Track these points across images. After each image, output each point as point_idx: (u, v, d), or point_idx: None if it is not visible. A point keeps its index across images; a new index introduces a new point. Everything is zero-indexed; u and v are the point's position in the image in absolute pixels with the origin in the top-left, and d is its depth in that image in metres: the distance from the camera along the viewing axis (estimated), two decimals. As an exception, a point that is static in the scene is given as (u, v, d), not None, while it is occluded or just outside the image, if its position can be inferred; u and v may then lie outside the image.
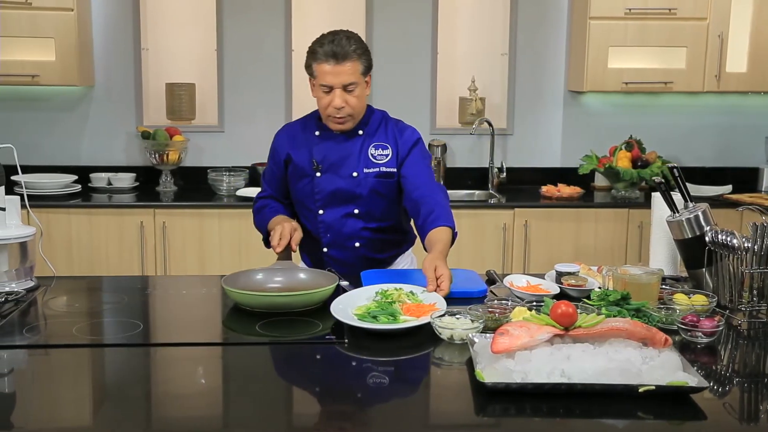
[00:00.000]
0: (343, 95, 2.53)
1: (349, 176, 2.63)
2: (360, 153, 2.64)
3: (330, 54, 2.49)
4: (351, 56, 2.51)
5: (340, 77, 2.51)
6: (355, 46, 2.53)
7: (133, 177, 4.56)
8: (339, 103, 2.53)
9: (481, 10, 4.81)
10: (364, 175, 2.63)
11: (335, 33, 2.55)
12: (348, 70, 2.51)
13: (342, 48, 2.49)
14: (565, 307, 1.80)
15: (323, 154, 2.65)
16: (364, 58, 2.55)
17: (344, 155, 2.64)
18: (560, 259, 4.22)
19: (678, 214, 2.32)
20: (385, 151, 2.65)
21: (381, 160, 2.64)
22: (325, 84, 2.53)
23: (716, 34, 4.39)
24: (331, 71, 2.50)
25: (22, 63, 4.22)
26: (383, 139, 2.66)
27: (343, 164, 2.64)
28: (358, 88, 2.55)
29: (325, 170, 2.65)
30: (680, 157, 4.77)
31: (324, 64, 2.51)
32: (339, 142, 2.65)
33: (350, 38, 2.54)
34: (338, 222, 2.66)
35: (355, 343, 1.95)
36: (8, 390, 1.72)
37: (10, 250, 2.29)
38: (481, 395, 1.64)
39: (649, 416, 1.57)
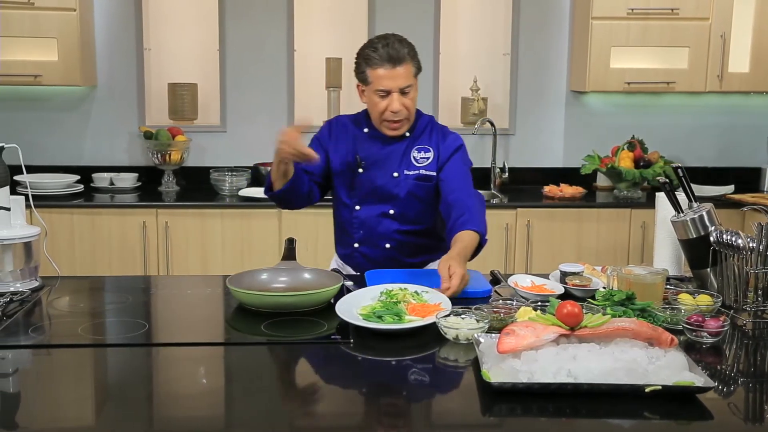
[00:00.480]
0: (400, 99, 2.53)
1: (390, 176, 2.64)
2: (403, 155, 2.65)
3: (386, 58, 2.49)
4: (405, 59, 2.51)
5: (396, 81, 2.51)
6: (408, 48, 2.54)
7: (135, 177, 4.56)
8: (397, 107, 2.53)
9: (483, 10, 4.81)
10: (404, 176, 2.63)
11: (385, 37, 2.55)
12: (403, 73, 2.51)
13: (397, 51, 2.50)
14: (571, 307, 1.80)
15: (368, 151, 2.66)
16: (416, 60, 2.57)
17: (388, 155, 2.65)
18: (562, 259, 4.21)
19: (682, 214, 2.33)
20: (427, 154, 2.65)
21: (422, 163, 2.64)
22: (382, 89, 2.52)
23: (718, 34, 4.40)
24: (388, 75, 2.50)
25: (24, 63, 4.22)
26: (426, 143, 2.66)
27: (385, 163, 2.65)
28: (413, 91, 2.57)
29: (367, 167, 2.65)
30: (682, 157, 4.77)
31: (380, 68, 2.50)
32: (385, 142, 2.65)
33: (402, 41, 2.54)
34: (372, 220, 2.67)
35: (361, 343, 1.95)
36: (13, 390, 1.72)
37: (15, 250, 2.29)
38: (488, 395, 1.64)
39: (655, 416, 1.57)
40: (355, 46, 4.64)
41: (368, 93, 2.57)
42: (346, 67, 4.68)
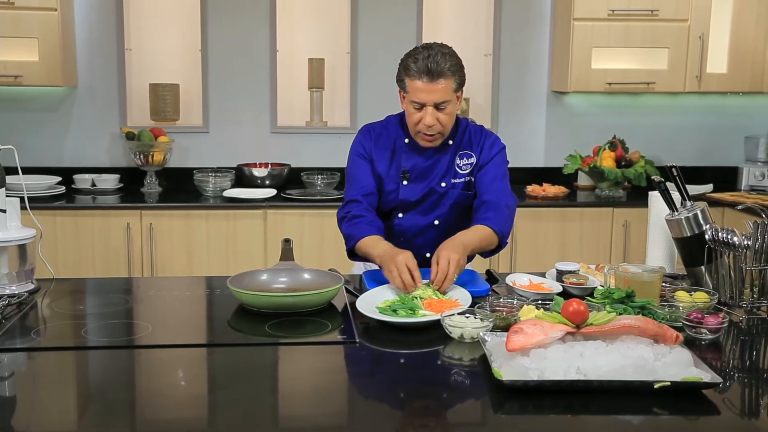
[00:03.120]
0: (434, 113, 2.46)
1: (437, 186, 2.60)
2: (449, 164, 2.61)
3: (424, 71, 2.42)
4: (445, 74, 2.42)
5: (432, 95, 2.44)
6: (450, 63, 2.45)
7: (117, 178, 4.52)
8: (430, 122, 2.47)
9: (465, 11, 4.84)
10: (451, 185, 2.60)
11: (430, 47, 2.47)
12: (441, 88, 2.43)
13: (437, 65, 2.41)
14: (577, 305, 1.82)
15: (413, 162, 2.61)
16: (458, 75, 2.47)
17: (433, 165, 2.60)
18: (547, 258, 4.27)
19: (677, 212, 2.36)
20: (469, 160, 2.61)
21: (466, 170, 2.61)
22: (416, 101, 2.46)
23: (697, 35, 4.46)
24: (424, 89, 2.43)
25: (5, 63, 4.17)
26: (468, 148, 2.62)
27: (431, 174, 2.60)
28: (450, 106, 2.48)
29: (412, 179, 2.61)
30: (662, 157, 4.84)
31: (417, 80, 2.43)
32: (430, 152, 2.60)
33: (445, 54, 2.45)
34: (415, 229, 2.63)
35: (368, 340, 1.96)
36: (14, 393, 1.70)
37: (11, 252, 2.27)
38: (498, 393, 1.66)
39: (664, 412, 1.59)
40: (337, 46, 4.72)
41: (406, 102, 2.52)
42: (328, 68, 4.69)
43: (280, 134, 4.72)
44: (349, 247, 2.53)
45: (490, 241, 2.45)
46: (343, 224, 2.56)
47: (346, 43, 4.74)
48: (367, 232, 2.46)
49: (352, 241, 2.49)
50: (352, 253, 2.53)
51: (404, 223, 2.64)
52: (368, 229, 2.47)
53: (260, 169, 4.55)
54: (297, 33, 4.74)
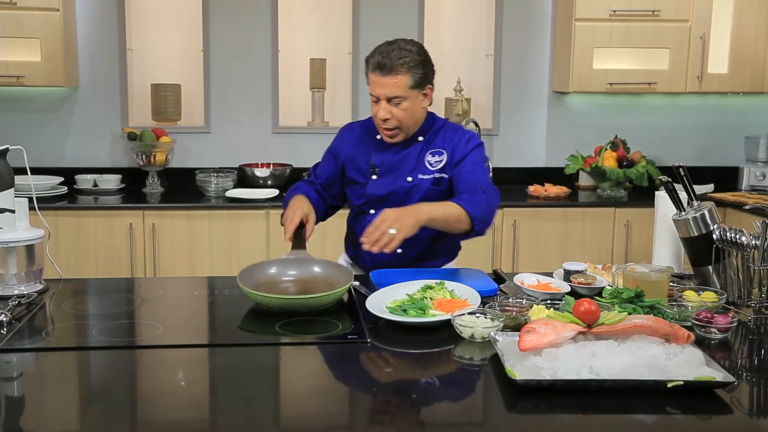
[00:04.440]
0: (387, 107, 2.50)
1: (404, 181, 2.62)
2: (417, 160, 2.62)
3: (377, 65, 2.47)
4: (398, 69, 2.45)
5: (384, 89, 2.48)
6: (407, 59, 2.45)
7: (118, 178, 4.52)
8: (383, 115, 2.51)
9: (466, 11, 4.84)
10: (418, 180, 2.61)
11: (392, 43, 2.50)
12: (393, 83, 2.46)
13: (390, 60, 2.44)
14: (588, 305, 1.83)
15: (382, 158, 2.64)
16: (416, 71, 2.47)
17: (401, 160, 2.62)
18: (548, 258, 4.28)
19: (684, 212, 2.37)
20: (440, 157, 2.61)
21: (436, 167, 2.61)
22: (372, 94, 2.52)
23: (698, 36, 4.48)
24: (377, 82, 2.48)
25: (6, 63, 4.16)
26: (440, 146, 2.63)
27: (399, 169, 2.62)
28: (406, 102, 2.49)
29: (381, 174, 2.63)
30: (663, 157, 4.85)
31: (372, 74, 2.50)
32: (399, 148, 2.62)
33: (403, 50, 2.46)
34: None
35: (378, 340, 1.97)
36: (25, 393, 1.70)
37: (19, 252, 2.26)
38: (511, 392, 1.66)
39: (677, 411, 1.60)
40: (339, 46, 4.72)
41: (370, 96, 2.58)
42: (330, 68, 4.69)
43: (282, 134, 4.72)
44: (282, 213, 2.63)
45: (457, 219, 2.38)
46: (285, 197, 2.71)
47: (347, 43, 4.74)
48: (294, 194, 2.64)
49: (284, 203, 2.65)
50: None
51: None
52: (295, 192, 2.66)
53: (262, 170, 4.55)
54: (298, 33, 4.74)
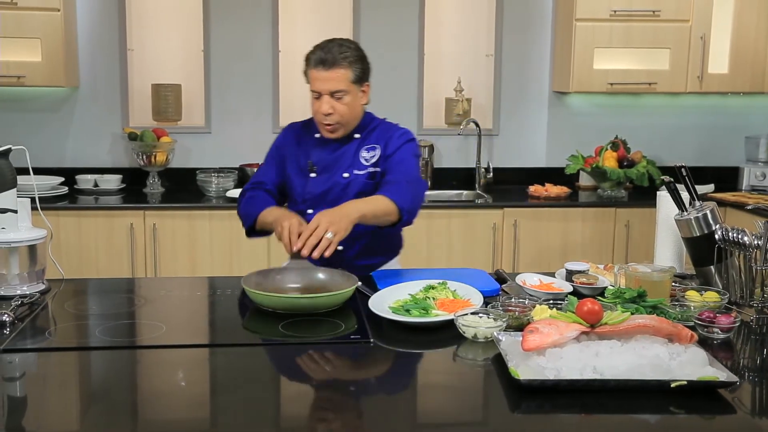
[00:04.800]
0: (330, 101, 2.54)
1: (340, 177, 2.64)
2: (353, 156, 2.66)
3: (319, 61, 2.52)
4: (340, 63, 2.51)
5: (327, 84, 2.52)
6: (347, 53, 2.53)
7: (119, 179, 4.52)
8: (326, 109, 2.54)
9: (467, 11, 4.85)
10: (353, 176, 2.64)
11: (330, 41, 2.57)
12: (336, 77, 2.52)
13: (332, 55, 2.51)
14: (591, 305, 1.83)
15: (319, 156, 2.67)
16: (356, 66, 2.55)
17: (338, 157, 2.66)
18: (549, 258, 4.28)
19: (686, 212, 2.37)
20: (374, 152, 2.66)
21: (370, 161, 2.65)
22: (314, 90, 2.56)
23: (698, 36, 4.48)
24: (319, 77, 2.53)
25: (7, 64, 4.16)
26: (374, 141, 2.68)
27: (335, 166, 2.65)
28: (348, 96, 2.55)
29: (319, 171, 2.66)
30: (663, 157, 4.86)
31: (314, 70, 2.53)
32: (336, 145, 2.67)
33: (342, 45, 2.54)
34: None
35: (382, 340, 1.97)
36: (30, 394, 1.70)
37: (21, 252, 2.27)
38: (514, 392, 1.66)
39: (680, 411, 1.60)
40: (339, 46, 4.71)
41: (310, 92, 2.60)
42: (331, 68, 4.68)
43: (283, 134, 4.72)
44: (247, 225, 2.64)
45: (386, 212, 2.42)
46: (240, 206, 2.68)
47: (348, 43, 4.73)
48: (262, 206, 2.59)
49: (249, 218, 2.61)
50: (251, 231, 2.65)
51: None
52: (262, 204, 2.60)
53: (263, 170, 4.54)
54: (299, 33, 4.74)
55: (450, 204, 4.43)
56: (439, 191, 4.72)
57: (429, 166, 4.75)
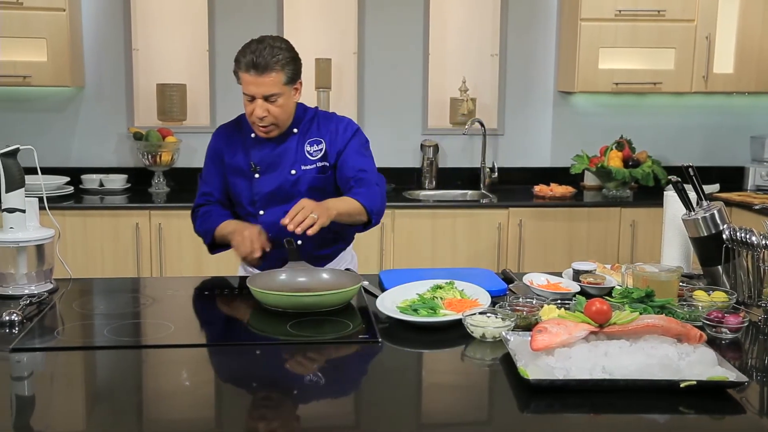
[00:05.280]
0: (264, 105, 2.51)
1: (288, 175, 2.63)
2: (296, 151, 2.64)
3: (251, 65, 2.46)
4: (272, 68, 2.46)
5: (260, 88, 2.48)
6: (279, 56, 2.47)
7: (124, 178, 4.53)
8: (260, 113, 2.52)
9: (472, 11, 4.85)
10: (302, 172, 2.63)
11: (261, 41, 2.50)
12: (269, 81, 2.47)
13: (264, 59, 2.45)
14: (600, 305, 1.83)
15: (260, 155, 2.64)
16: (288, 68, 2.50)
17: (280, 155, 2.64)
18: (554, 258, 4.28)
19: (694, 212, 2.37)
20: (319, 146, 2.65)
21: (316, 156, 2.64)
22: (247, 93, 2.52)
23: (704, 36, 4.48)
24: (253, 82, 2.48)
25: (13, 63, 4.16)
26: (316, 135, 2.66)
27: (280, 163, 2.64)
28: (281, 98, 2.52)
29: (263, 171, 2.64)
30: (668, 157, 4.85)
31: (246, 74, 2.48)
32: (275, 143, 2.64)
33: (274, 48, 2.47)
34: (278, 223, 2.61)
35: (389, 340, 1.97)
36: (38, 393, 1.71)
37: (29, 252, 2.27)
38: (523, 392, 1.66)
39: (690, 411, 1.60)
40: (344, 46, 4.73)
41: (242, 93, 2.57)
42: (335, 68, 4.69)
43: (288, 134, 4.72)
44: (207, 241, 2.68)
45: (358, 213, 2.50)
46: (196, 224, 2.72)
47: (352, 43, 4.74)
48: (218, 220, 2.62)
49: (208, 234, 2.65)
50: (212, 246, 2.68)
51: (267, 219, 2.64)
52: (218, 218, 2.64)
53: (268, 169, 4.55)
54: (304, 33, 4.74)
55: (455, 204, 4.43)
56: (443, 191, 4.73)
57: (434, 165, 4.75)
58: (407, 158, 4.82)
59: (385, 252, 4.23)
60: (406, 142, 4.81)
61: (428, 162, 4.74)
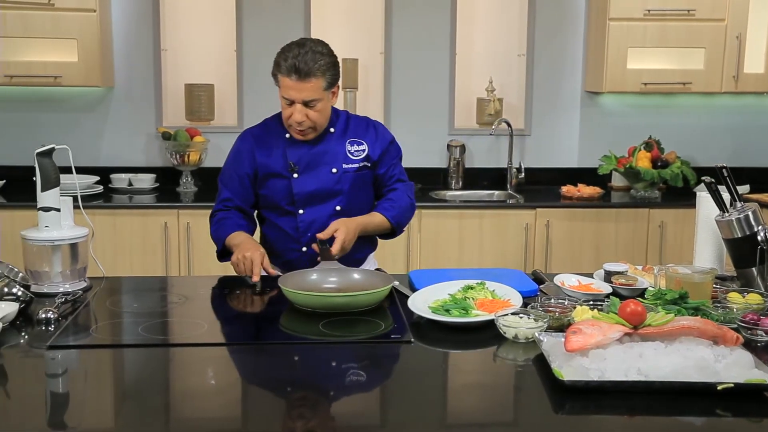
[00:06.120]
0: (303, 110, 2.51)
1: (329, 174, 2.64)
2: (337, 150, 2.66)
3: (293, 69, 2.46)
4: (314, 74, 2.47)
5: (301, 93, 2.48)
6: (321, 62, 2.48)
7: (153, 178, 4.56)
8: (299, 118, 2.52)
9: (499, 11, 4.83)
10: (343, 170, 2.65)
11: (302, 45, 2.50)
12: (310, 87, 2.48)
13: (306, 65, 2.45)
14: (634, 306, 1.82)
15: (298, 154, 2.64)
16: (329, 73, 2.51)
17: (320, 153, 2.65)
18: (582, 258, 4.26)
19: (727, 213, 2.35)
20: (360, 147, 2.67)
21: (358, 156, 2.67)
22: (287, 97, 2.52)
23: (734, 35, 4.43)
24: (293, 86, 2.48)
25: (45, 64, 4.21)
26: (357, 135, 2.69)
27: (321, 162, 2.65)
28: (321, 103, 2.53)
29: (302, 171, 2.64)
30: (696, 157, 4.81)
31: (287, 78, 2.48)
32: (312, 143, 2.65)
33: (316, 53, 2.48)
34: (322, 220, 2.65)
35: (421, 340, 1.97)
36: (64, 390, 1.73)
37: (64, 250, 2.29)
38: (557, 393, 1.66)
39: (727, 414, 1.59)
40: (371, 47, 4.73)
41: (280, 96, 2.56)
42: (362, 68, 4.70)
43: (314, 134, 4.73)
44: (218, 249, 2.68)
45: (384, 229, 2.68)
46: (211, 229, 2.72)
47: (379, 43, 4.75)
48: (231, 230, 2.63)
49: (219, 242, 2.66)
50: (222, 254, 2.68)
51: (307, 218, 2.65)
52: (232, 227, 2.64)
53: (295, 169, 4.56)
54: (331, 33, 4.75)
55: (482, 204, 4.42)
56: (470, 191, 4.72)
57: (460, 166, 4.74)
58: (434, 158, 4.82)
59: (411, 252, 4.23)
60: (432, 142, 4.81)
61: (455, 162, 4.73)
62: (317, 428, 1.54)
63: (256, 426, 1.57)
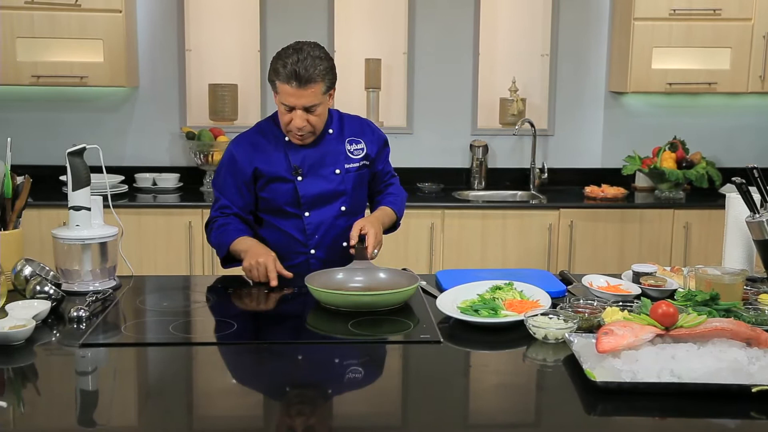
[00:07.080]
0: (303, 116, 2.49)
1: (333, 174, 2.64)
2: (338, 151, 2.66)
3: (293, 76, 2.42)
4: (314, 79, 2.43)
5: (301, 100, 2.45)
6: (321, 67, 2.44)
7: (177, 177, 4.58)
8: (300, 124, 2.50)
9: (523, 11, 4.82)
10: (345, 170, 2.66)
11: (299, 50, 2.45)
12: (310, 93, 2.45)
13: (306, 71, 2.41)
14: (666, 307, 1.81)
15: (300, 157, 2.62)
16: (328, 77, 2.48)
17: (322, 155, 2.64)
18: (606, 259, 4.24)
19: (758, 214, 2.33)
20: (359, 146, 2.69)
21: (358, 155, 2.69)
22: (286, 104, 2.48)
23: (761, 35, 4.40)
24: (294, 93, 2.44)
25: (71, 64, 4.24)
26: (354, 134, 2.70)
27: (324, 164, 2.64)
28: (320, 108, 2.51)
29: (305, 173, 2.63)
30: (721, 158, 4.78)
31: (286, 84, 2.44)
32: (314, 144, 2.63)
33: (315, 58, 2.44)
34: (328, 221, 2.66)
35: (450, 340, 1.97)
36: (93, 387, 1.74)
37: (94, 249, 2.31)
38: (589, 394, 1.65)
39: (762, 416, 1.57)
40: (394, 47, 4.73)
41: (277, 101, 2.53)
42: (385, 68, 4.70)
43: (337, 134, 4.74)
44: (222, 255, 2.64)
45: (393, 222, 2.79)
46: (211, 236, 2.68)
47: (402, 43, 4.75)
48: (235, 235, 2.58)
49: (222, 248, 2.61)
50: (226, 259, 2.65)
51: (314, 220, 2.65)
52: (235, 233, 2.59)
53: (318, 169, 4.57)
54: (354, 33, 4.76)
55: (505, 204, 4.41)
56: (493, 191, 4.71)
57: (483, 166, 4.73)
58: (456, 158, 4.81)
59: (434, 252, 4.23)
60: (455, 142, 4.80)
61: (477, 162, 4.73)
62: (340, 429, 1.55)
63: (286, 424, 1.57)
